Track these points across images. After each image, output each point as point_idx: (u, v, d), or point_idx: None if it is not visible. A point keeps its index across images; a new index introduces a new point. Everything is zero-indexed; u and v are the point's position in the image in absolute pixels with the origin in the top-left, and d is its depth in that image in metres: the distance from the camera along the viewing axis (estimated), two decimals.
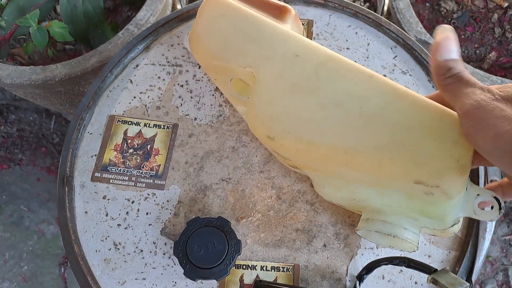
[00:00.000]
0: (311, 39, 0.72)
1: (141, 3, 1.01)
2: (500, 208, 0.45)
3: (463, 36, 1.10)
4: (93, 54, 0.91)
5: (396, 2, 1.00)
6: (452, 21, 1.11)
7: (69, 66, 0.90)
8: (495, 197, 0.46)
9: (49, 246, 1.36)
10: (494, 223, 0.60)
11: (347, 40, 0.72)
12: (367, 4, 1.19)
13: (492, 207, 0.46)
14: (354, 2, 1.19)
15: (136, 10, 1.09)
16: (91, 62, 0.90)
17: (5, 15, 1.01)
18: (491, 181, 0.62)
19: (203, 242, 0.52)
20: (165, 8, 1.01)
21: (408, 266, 0.51)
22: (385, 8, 1.10)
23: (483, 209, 0.46)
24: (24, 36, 1.09)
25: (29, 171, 1.46)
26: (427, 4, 1.13)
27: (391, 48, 0.72)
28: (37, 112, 1.51)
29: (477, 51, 1.09)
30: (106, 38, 1.02)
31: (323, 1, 0.74)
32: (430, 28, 1.10)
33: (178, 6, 1.16)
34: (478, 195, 0.46)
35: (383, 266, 0.56)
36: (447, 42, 0.41)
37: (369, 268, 0.55)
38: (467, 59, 1.08)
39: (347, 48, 0.71)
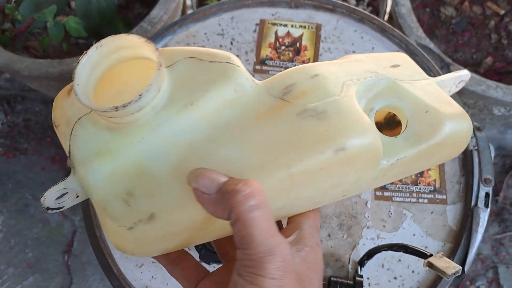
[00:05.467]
0: (319, 42, 0.77)
1: (153, 1, 1.05)
2: None
3: (460, 41, 1.15)
4: None
5: (398, 7, 1.04)
6: (451, 26, 1.16)
7: None
8: None
9: (53, 234, 1.39)
10: (486, 218, 0.65)
11: (353, 44, 0.77)
12: (370, 8, 1.24)
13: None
14: (357, 6, 1.24)
15: (148, 7, 1.13)
16: None
17: (21, 9, 1.05)
18: (485, 179, 0.66)
19: None
20: (177, 7, 1.04)
21: (406, 252, 0.55)
22: (387, 12, 1.15)
23: None
24: (39, 30, 1.13)
25: (34, 160, 1.49)
26: (427, 9, 1.18)
27: None
28: (43, 103, 1.54)
29: (474, 56, 1.14)
30: (119, 33, 1.05)
31: (331, 7, 0.78)
32: (430, 33, 1.15)
33: (188, 2, 1.20)
34: None
35: (383, 254, 0.61)
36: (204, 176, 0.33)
37: (370, 254, 0.60)
38: (464, 63, 1.13)
39: (353, 51, 0.76)
